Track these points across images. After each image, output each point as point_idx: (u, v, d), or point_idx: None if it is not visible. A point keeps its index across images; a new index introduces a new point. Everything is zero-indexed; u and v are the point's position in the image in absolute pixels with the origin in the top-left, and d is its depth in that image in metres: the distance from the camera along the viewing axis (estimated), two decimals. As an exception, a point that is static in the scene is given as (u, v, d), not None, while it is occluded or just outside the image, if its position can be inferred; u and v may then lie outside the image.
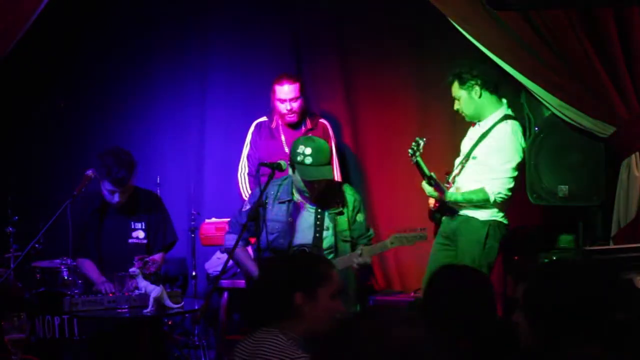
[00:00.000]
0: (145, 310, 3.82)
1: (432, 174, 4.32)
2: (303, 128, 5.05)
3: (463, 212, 4.45)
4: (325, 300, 2.48)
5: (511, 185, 4.39)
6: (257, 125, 5.15)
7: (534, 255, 4.70)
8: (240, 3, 5.85)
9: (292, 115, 4.98)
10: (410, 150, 4.32)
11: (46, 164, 5.89)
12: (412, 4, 5.20)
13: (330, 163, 4.05)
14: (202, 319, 4.97)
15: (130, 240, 4.28)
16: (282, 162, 4.04)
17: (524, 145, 4.45)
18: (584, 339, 2.01)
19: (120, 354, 4.16)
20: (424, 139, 4.36)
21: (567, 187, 4.48)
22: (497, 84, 4.49)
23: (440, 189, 4.34)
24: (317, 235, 4.01)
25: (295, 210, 4.07)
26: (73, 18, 5.82)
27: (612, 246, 4.20)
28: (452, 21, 4.48)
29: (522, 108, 4.66)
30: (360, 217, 4.12)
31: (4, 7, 4.53)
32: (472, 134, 4.58)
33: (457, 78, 4.45)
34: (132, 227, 4.30)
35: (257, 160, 5.03)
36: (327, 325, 2.50)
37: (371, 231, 4.30)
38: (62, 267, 5.00)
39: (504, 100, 4.51)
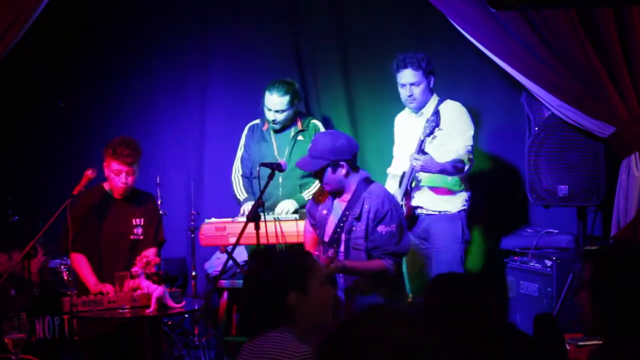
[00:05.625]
0: (146, 311, 3.82)
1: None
2: (293, 130, 5.03)
3: (433, 209, 4.52)
4: (317, 290, 2.47)
5: (472, 155, 4.49)
6: (250, 127, 5.12)
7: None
8: (241, 3, 5.85)
9: (277, 124, 4.97)
10: None
11: (46, 164, 5.88)
12: (413, 5, 5.20)
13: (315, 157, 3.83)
14: (202, 319, 4.97)
15: (132, 237, 4.29)
16: (283, 163, 4.06)
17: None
18: None
19: (120, 354, 4.16)
20: None
21: (567, 187, 4.48)
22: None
23: None
24: (336, 236, 3.85)
25: (331, 205, 3.97)
26: (72, 18, 5.82)
27: (612, 246, 4.20)
28: (452, 22, 4.48)
29: (522, 108, 4.67)
30: (381, 229, 3.75)
31: (3, 7, 4.54)
32: (415, 123, 4.59)
33: (419, 66, 4.50)
34: (134, 223, 4.30)
35: (250, 162, 5.02)
36: (326, 314, 2.53)
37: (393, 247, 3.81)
38: (62, 267, 5.01)
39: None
